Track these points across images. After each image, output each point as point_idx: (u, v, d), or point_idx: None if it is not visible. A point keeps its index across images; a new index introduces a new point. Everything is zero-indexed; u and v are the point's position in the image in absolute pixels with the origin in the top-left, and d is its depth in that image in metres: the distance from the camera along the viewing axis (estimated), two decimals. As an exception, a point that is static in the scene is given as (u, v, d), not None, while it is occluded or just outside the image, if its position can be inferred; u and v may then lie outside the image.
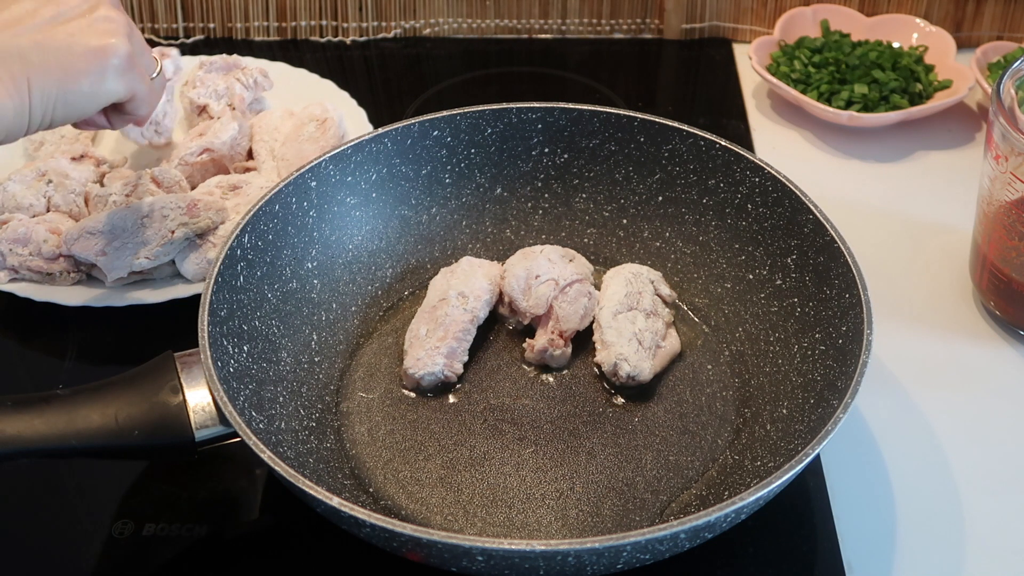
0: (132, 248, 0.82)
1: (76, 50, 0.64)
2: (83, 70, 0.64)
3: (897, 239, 0.91)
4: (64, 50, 0.64)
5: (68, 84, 0.64)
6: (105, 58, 0.65)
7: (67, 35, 0.64)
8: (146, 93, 0.70)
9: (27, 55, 0.63)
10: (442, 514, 0.68)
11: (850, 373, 0.64)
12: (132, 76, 0.67)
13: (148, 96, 0.71)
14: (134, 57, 0.67)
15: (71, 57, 0.64)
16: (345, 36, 1.19)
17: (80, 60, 0.64)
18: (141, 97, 0.70)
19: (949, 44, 1.06)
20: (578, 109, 0.84)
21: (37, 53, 0.63)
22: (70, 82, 0.64)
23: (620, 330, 0.75)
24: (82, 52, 0.64)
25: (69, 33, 0.64)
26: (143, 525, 0.69)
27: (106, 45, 0.65)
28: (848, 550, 0.67)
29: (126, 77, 0.67)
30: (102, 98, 0.66)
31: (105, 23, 0.66)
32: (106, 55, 0.65)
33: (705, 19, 1.17)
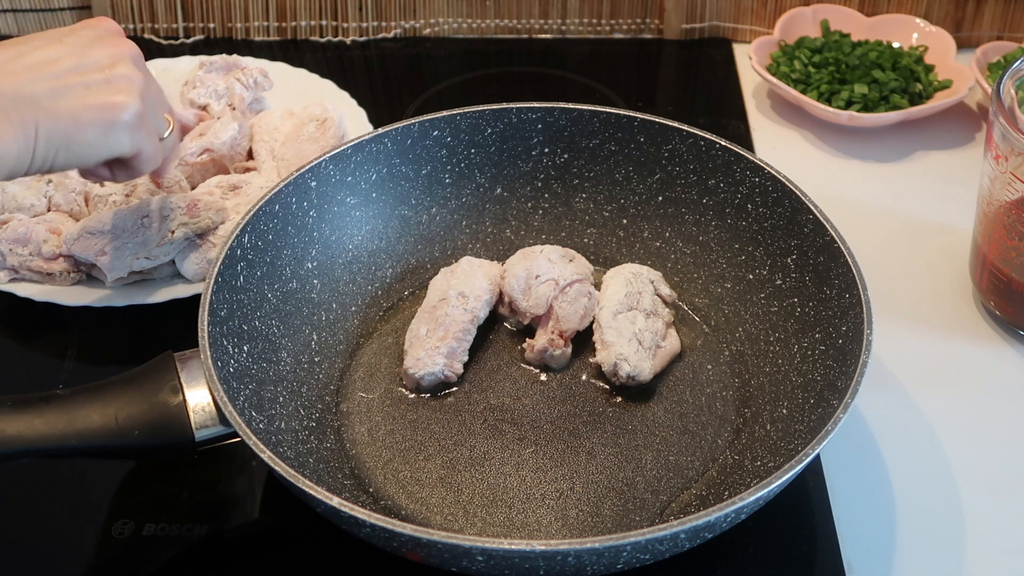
0: (132, 248, 0.82)
1: (88, 102, 0.66)
2: (91, 122, 0.66)
3: (897, 239, 0.91)
4: (77, 101, 0.65)
5: (75, 134, 0.65)
6: (115, 113, 0.67)
7: (83, 87, 0.66)
8: (152, 153, 0.71)
9: (40, 101, 0.64)
10: (442, 514, 0.68)
11: (850, 373, 0.64)
12: (139, 135, 0.69)
13: (154, 155, 0.72)
14: (144, 117, 0.69)
15: (82, 108, 0.65)
16: (345, 36, 1.19)
17: (90, 112, 0.66)
18: (147, 156, 0.71)
19: (949, 44, 1.06)
20: (578, 109, 0.84)
21: (50, 100, 0.64)
22: (77, 132, 0.65)
23: (620, 330, 0.75)
24: (93, 105, 0.66)
25: (85, 85, 0.66)
26: (143, 525, 0.69)
27: (118, 102, 0.67)
28: (848, 550, 0.67)
29: (133, 135, 0.68)
30: (105, 151, 0.67)
31: (122, 81, 0.68)
32: (116, 111, 0.67)
33: (705, 19, 1.17)
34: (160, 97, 0.74)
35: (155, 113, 0.72)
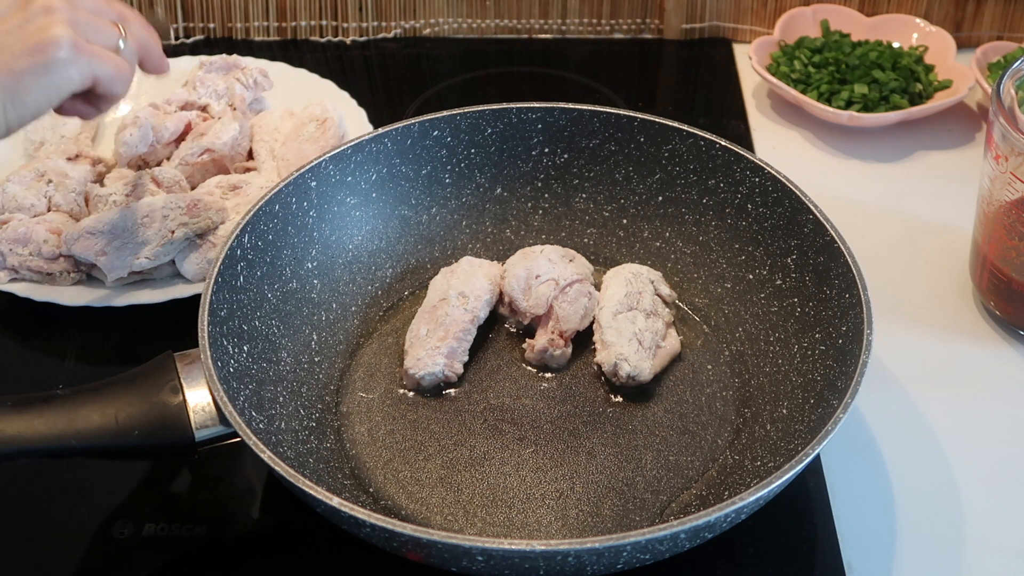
0: (132, 248, 0.82)
1: (14, 49, 0.62)
2: (25, 70, 0.62)
3: (897, 239, 0.91)
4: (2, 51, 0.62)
5: (14, 87, 0.62)
6: (46, 53, 0.63)
7: (3, 34, 0.63)
8: (112, 72, 0.67)
9: None
10: (442, 514, 0.68)
11: (850, 373, 0.64)
12: (85, 62, 0.64)
13: (116, 74, 0.67)
14: (81, 44, 0.64)
15: (9, 57, 0.62)
16: (345, 36, 1.19)
17: (20, 59, 0.62)
18: (108, 78, 0.66)
19: (949, 44, 1.06)
20: (578, 109, 0.84)
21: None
22: (15, 84, 0.62)
23: (620, 330, 0.75)
24: (20, 51, 0.62)
25: (5, 31, 0.63)
26: (143, 525, 0.69)
27: (44, 39, 0.63)
28: (848, 550, 0.67)
29: (78, 65, 0.64)
30: (56, 93, 0.64)
31: (43, 16, 0.64)
32: (47, 50, 0.63)
33: (705, 19, 1.17)
34: (99, 6, 0.69)
35: (96, 30, 0.67)
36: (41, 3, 0.64)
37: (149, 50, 0.74)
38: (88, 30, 0.66)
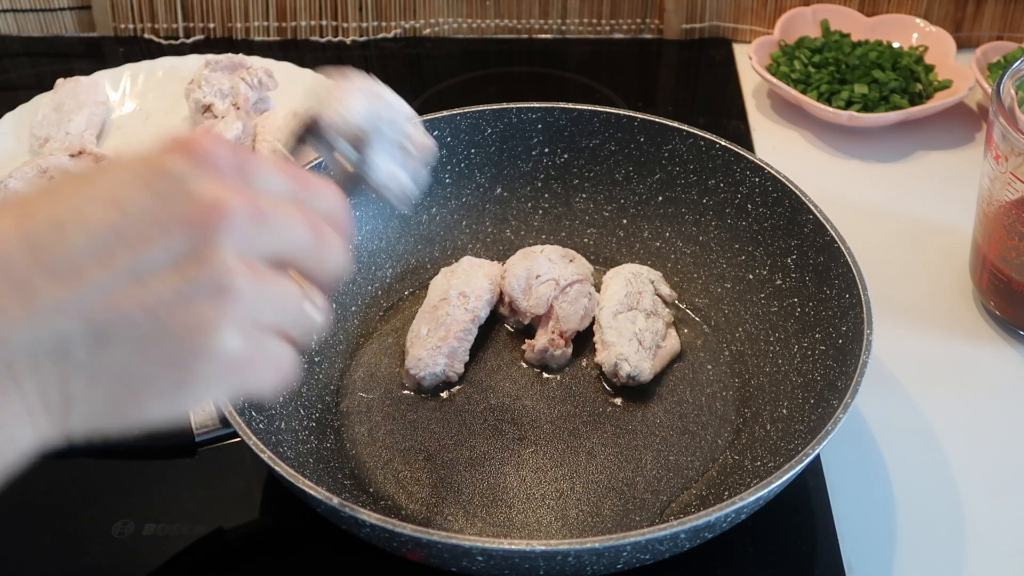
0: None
1: (148, 341, 0.40)
2: (150, 380, 0.41)
3: (897, 239, 0.91)
4: (130, 344, 0.40)
5: (127, 400, 0.41)
6: (189, 368, 0.41)
7: (142, 312, 0.40)
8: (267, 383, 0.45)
9: (70, 348, 0.39)
10: (442, 514, 0.68)
11: (850, 373, 0.64)
12: (236, 381, 0.43)
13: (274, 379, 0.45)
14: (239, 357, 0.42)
15: (137, 353, 0.40)
16: (345, 36, 1.19)
17: (149, 364, 0.40)
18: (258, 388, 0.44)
19: (949, 44, 1.06)
20: (578, 109, 0.84)
21: (87, 346, 0.39)
22: (130, 398, 0.41)
23: (620, 330, 0.75)
24: (156, 353, 0.40)
25: (147, 307, 0.40)
26: (143, 525, 0.69)
27: (195, 347, 0.41)
28: (848, 550, 0.67)
29: (222, 387, 0.43)
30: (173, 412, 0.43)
31: (209, 298, 0.40)
32: (191, 363, 0.41)
33: (705, 19, 1.17)
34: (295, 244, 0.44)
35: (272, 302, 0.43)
36: (216, 270, 0.40)
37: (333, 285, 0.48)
38: (267, 310, 0.43)
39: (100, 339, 0.39)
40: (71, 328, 0.39)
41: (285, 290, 0.44)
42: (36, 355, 0.38)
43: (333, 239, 0.46)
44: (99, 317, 0.39)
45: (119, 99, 1.06)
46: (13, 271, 0.38)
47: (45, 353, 0.39)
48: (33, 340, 0.38)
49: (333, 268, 0.47)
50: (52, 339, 0.38)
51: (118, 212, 0.40)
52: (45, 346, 0.38)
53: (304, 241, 0.45)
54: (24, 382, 0.39)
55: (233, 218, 0.41)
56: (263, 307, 0.43)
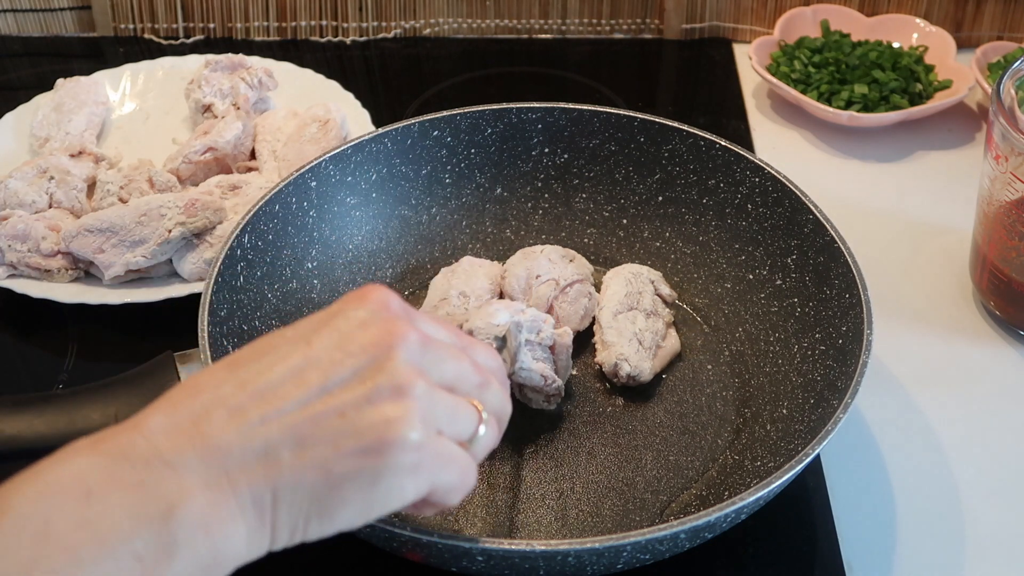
0: (129, 246, 0.82)
1: (342, 443, 0.45)
2: (350, 473, 0.45)
3: (897, 239, 0.91)
4: (327, 446, 0.45)
5: (327, 495, 0.45)
6: (383, 455, 0.45)
7: (335, 418, 0.45)
8: (455, 482, 0.49)
9: (277, 452, 0.44)
10: (442, 514, 0.68)
11: (850, 373, 0.64)
12: (427, 474, 0.47)
13: (460, 484, 0.50)
14: (428, 445, 0.47)
15: (334, 457, 0.44)
16: (345, 36, 1.19)
17: (347, 459, 0.45)
18: (446, 488, 0.49)
19: (949, 44, 1.06)
20: (578, 109, 0.84)
21: (290, 450, 0.44)
22: (330, 492, 0.45)
23: (620, 330, 0.75)
24: (350, 448, 0.45)
25: (338, 414, 0.45)
26: (143, 525, 0.69)
27: (387, 438, 0.45)
28: (848, 550, 0.67)
29: (416, 477, 0.46)
30: (375, 508, 0.46)
31: (392, 399, 0.46)
32: (385, 451, 0.45)
33: (705, 19, 1.17)
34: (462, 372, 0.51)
35: (454, 415, 0.49)
36: (391, 380, 0.46)
37: (500, 426, 0.55)
38: (444, 415, 0.49)
39: (301, 442, 0.44)
40: (276, 435, 0.44)
41: (456, 401, 0.50)
42: (248, 461, 0.44)
43: (494, 378, 0.53)
44: (298, 422, 0.45)
45: (119, 99, 1.06)
46: (227, 399, 0.45)
47: (255, 458, 0.44)
48: (245, 448, 0.44)
49: (499, 406, 0.54)
50: (261, 446, 0.44)
51: (307, 347, 0.47)
52: (256, 452, 0.44)
53: (467, 372, 0.51)
54: (239, 486, 0.44)
55: (406, 339, 0.48)
56: (438, 412, 0.48)
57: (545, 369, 0.71)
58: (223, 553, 0.43)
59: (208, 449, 0.44)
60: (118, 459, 0.43)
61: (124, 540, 0.41)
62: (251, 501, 0.44)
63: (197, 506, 0.42)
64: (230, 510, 0.43)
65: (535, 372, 0.70)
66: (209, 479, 0.43)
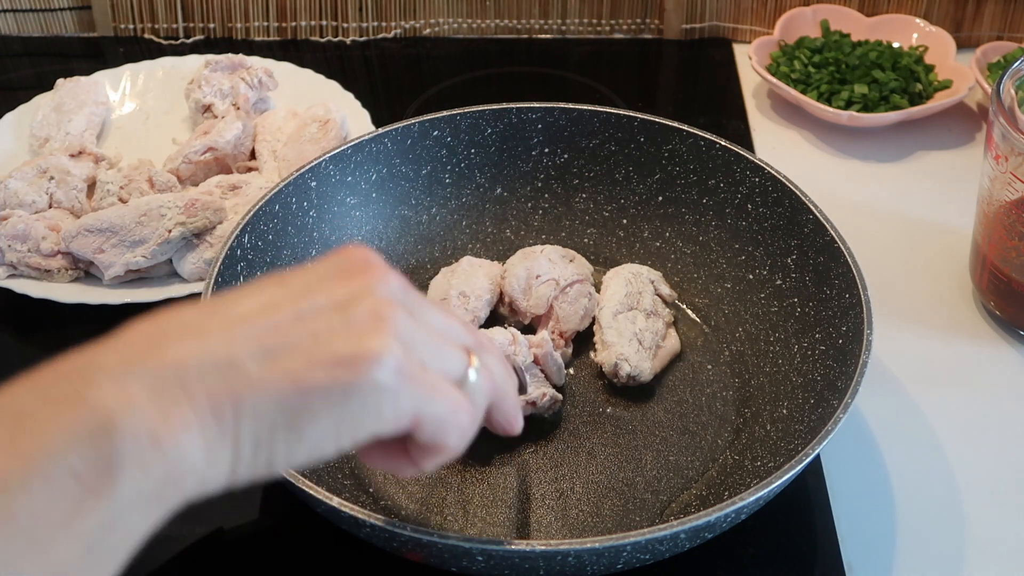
0: (129, 246, 0.82)
1: (316, 357, 0.42)
2: (319, 385, 0.41)
3: (897, 239, 0.91)
4: (298, 358, 0.42)
5: (298, 407, 0.41)
6: (356, 367, 0.42)
7: (308, 337, 0.42)
8: (445, 412, 0.46)
9: (241, 364, 0.41)
10: (442, 514, 0.68)
11: (850, 373, 0.64)
12: (409, 394, 0.44)
13: (451, 416, 0.46)
14: (409, 368, 0.44)
15: (306, 368, 0.42)
16: (345, 36, 1.19)
17: (318, 371, 0.42)
18: (437, 420, 0.46)
19: (949, 44, 1.06)
20: (578, 109, 0.84)
21: (257, 362, 0.41)
22: (301, 404, 0.41)
23: (620, 330, 0.75)
24: (323, 360, 0.42)
25: (311, 332, 0.43)
26: (143, 525, 0.69)
27: (359, 351, 0.42)
28: (848, 550, 0.67)
29: (395, 395, 0.43)
30: (351, 427, 0.43)
31: (368, 320, 0.44)
32: (358, 363, 0.42)
33: (705, 19, 1.17)
34: (449, 326, 0.49)
35: (438, 352, 0.47)
36: (370, 306, 0.44)
37: (503, 397, 0.52)
38: (426, 349, 0.46)
39: (268, 354, 0.41)
40: (240, 350, 0.41)
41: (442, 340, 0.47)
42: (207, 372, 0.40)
43: (489, 345, 0.51)
44: (267, 341, 0.42)
45: (119, 99, 1.06)
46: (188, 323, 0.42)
47: (216, 369, 0.40)
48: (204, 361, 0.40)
49: (499, 372, 0.51)
50: (224, 359, 0.41)
51: (282, 285, 0.45)
52: (217, 364, 0.40)
53: (458, 328, 0.49)
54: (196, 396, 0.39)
55: (387, 279, 0.46)
56: (420, 344, 0.45)
57: (534, 394, 0.71)
58: (178, 468, 0.39)
59: (161, 362, 0.40)
60: (56, 381, 0.39)
61: (56, 457, 0.36)
62: (209, 411, 0.40)
63: (143, 415, 0.38)
64: (184, 420, 0.39)
65: (526, 400, 0.71)
66: (159, 388, 0.39)
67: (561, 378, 0.74)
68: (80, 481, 0.36)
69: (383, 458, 0.48)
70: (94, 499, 0.36)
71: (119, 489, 0.37)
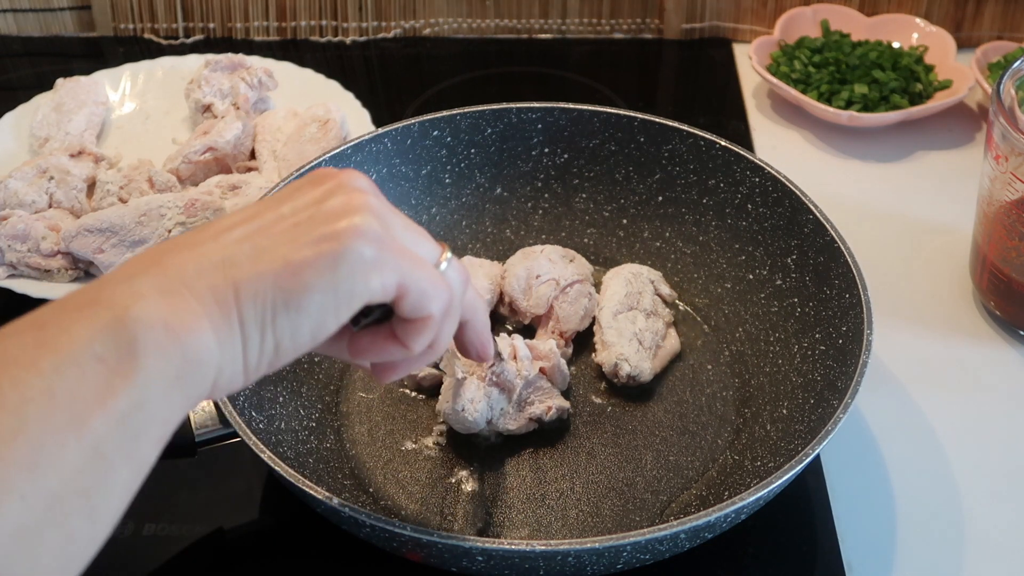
0: (129, 246, 0.82)
1: (298, 237, 0.46)
2: (308, 260, 0.45)
3: (897, 239, 0.91)
4: (285, 245, 0.46)
5: (292, 284, 0.45)
6: (340, 239, 0.46)
7: (291, 228, 0.47)
8: (426, 284, 0.49)
9: (235, 260, 0.45)
10: (442, 514, 0.68)
11: (850, 373, 0.64)
12: (392, 262, 0.47)
13: (431, 287, 0.49)
14: (388, 241, 0.47)
15: (290, 246, 0.46)
16: (345, 36, 1.19)
17: (306, 249, 0.46)
18: (419, 290, 0.49)
19: (949, 44, 1.06)
20: (578, 109, 0.84)
21: (248, 256, 0.45)
22: (294, 281, 0.45)
23: (620, 330, 0.75)
24: (309, 240, 0.46)
25: (293, 225, 0.47)
26: (143, 525, 0.69)
27: (340, 227, 0.46)
28: (848, 550, 0.67)
29: (378, 263, 0.47)
30: (344, 296, 0.46)
31: (344, 206, 0.48)
32: (342, 236, 0.46)
33: (705, 19, 1.17)
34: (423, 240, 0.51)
35: (413, 237, 0.50)
36: (345, 196, 0.48)
37: (474, 314, 0.56)
38: (402, 232, 0.49)
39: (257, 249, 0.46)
40: (233, 250, 0.45)
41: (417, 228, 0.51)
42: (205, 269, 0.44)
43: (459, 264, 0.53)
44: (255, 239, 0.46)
45: (119, 99, 1.06)
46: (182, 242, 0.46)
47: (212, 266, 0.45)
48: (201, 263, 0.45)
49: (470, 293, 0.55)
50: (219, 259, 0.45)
51: (261, 201, 0.49)
52: (213, 263, 0.45)
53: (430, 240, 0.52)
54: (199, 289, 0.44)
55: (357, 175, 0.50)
56: (395, 226, 0.49)
57: (539, 410, 0.71)
58: (194, 352, 0.42)
59: (163, 269, 0.44)
60: (71, 297, 0.44)
61: (82, 346, 0.40)
62: (213, 299, 0.44)
63: (153, 307, 0.42)
64: (191, 310, 0.43)
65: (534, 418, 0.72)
66: (165, 287, 0.43)
67: (563, 384, 0.74)
68: (106, 365, 0.40)
69: (374, 348, 0.51)
70: (122, 380, 0.40)
71: (142, 371, 0.41)
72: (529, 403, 0.71)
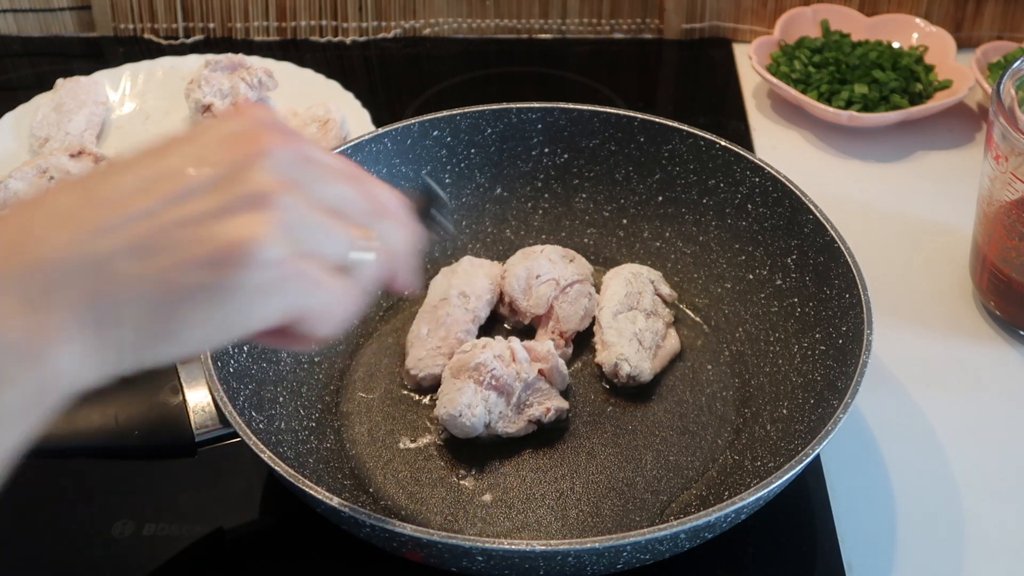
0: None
1: (185, 251, 0.40)
2: (190, 287, 0.40)
3: (897, 239, 0.91)
4: (168, 255, 0.40)
5: (165, 309, 0.40)
6: (228, 267, 0.40)
7: (182, 227, 0.40)
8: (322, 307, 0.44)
9: (110, 264, 0.39)
10: (442, 514, 0.68)
11: (850, 373, 0.64)
12: (282, 290, 0.42)
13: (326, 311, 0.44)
14: (288, 261, 0.42)
15: (174, 268, 0.40)
16: (345, 36, 1.19)
17: (187, 271, 0.40)
18: (313, 315, 0.44)
19: (949, 44, 1.06)
20: (578, 109, 0.84)
21: (127, 259, 0.40)
22: (167, 306, 0.40)
23: (620, 330, 0.75)
24: (194, 259, 0.40)
25: (189, 219, 0.40)
26: (143, 525, 0.69)
27: (234, 243, 0.40)
28: (848, 550, 0.67)
29: (269, 293, 0.41)
30: (224, 329, 0.42)
31: (248, 209, 0.41)
32: (231, 261, 0.40)
33: (705, 19, 1.17)
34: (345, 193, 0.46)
35: (323, 233, 0.44)
36: (253, 186, 0.42)
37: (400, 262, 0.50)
38: (309, 234, 0.43)
39: (139, 253, 0.40)
40: (111, 246, 0.39)
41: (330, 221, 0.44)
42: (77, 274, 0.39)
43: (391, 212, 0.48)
44: (139, 232, 0.40)
45: (119, 99, 1.06)
46: (63, 209, 0.40)
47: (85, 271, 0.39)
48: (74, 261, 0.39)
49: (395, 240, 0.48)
50: (93, 258, 0.39)
51: (161, 158, 0.42)
52: (86, 265, 0.39)
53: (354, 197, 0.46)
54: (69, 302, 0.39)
55: (275, 149, 0.43)
56: (307, 229, 0.43)
57: (538, 412, 0.71)
58: (56, 376, 0.39)
59: (30, 264, 0.39)
60: None
61: None
62: (86, 317, 0.39)
63: (15, 332, 0.38)
64: (57, 330, 0.38)
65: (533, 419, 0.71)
66: (29, 297, 0.38)
67: (563, 384, 0.74)
68: None
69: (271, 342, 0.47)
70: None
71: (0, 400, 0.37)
72: (528, 405, 0.71)
